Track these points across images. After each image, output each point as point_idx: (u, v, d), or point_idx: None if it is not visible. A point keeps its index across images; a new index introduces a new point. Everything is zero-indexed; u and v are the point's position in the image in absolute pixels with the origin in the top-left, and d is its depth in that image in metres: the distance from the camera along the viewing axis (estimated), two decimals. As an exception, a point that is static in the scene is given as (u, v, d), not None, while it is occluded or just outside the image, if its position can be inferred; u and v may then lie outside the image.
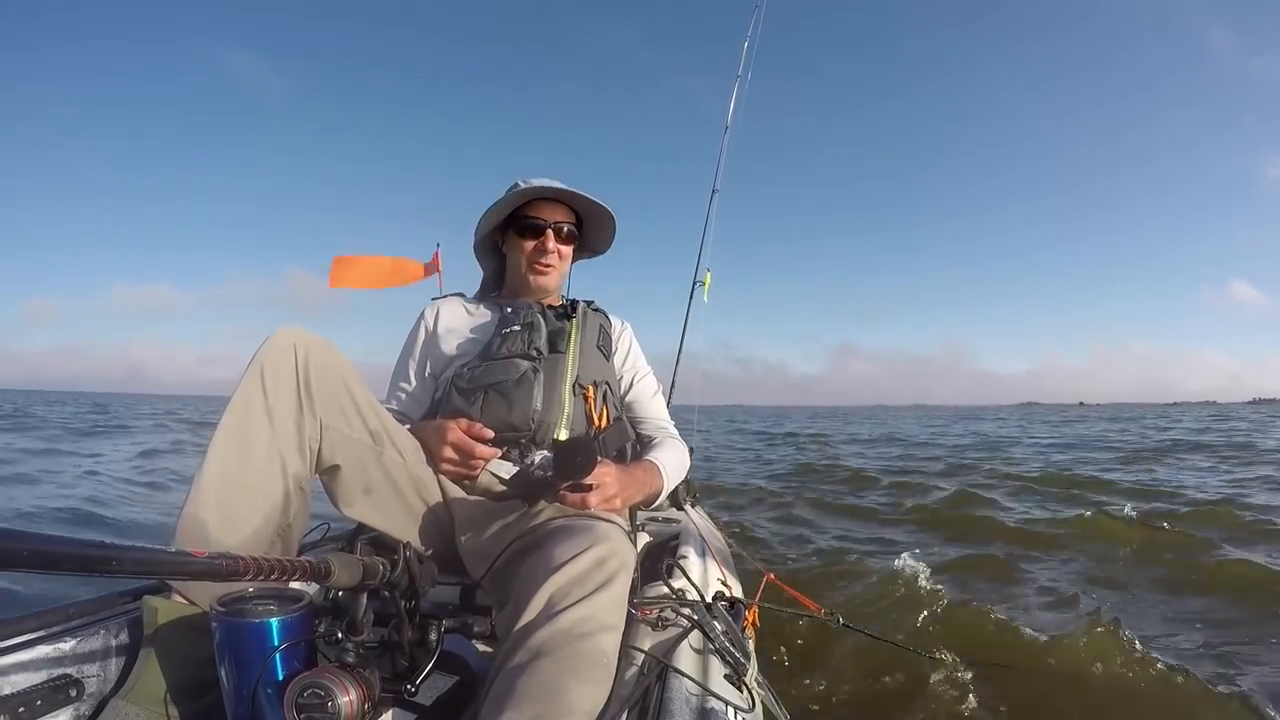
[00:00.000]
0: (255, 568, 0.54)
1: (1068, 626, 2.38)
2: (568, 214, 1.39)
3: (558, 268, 1.39)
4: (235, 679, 0.73)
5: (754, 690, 0.90)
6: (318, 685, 0.67)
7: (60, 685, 0.81)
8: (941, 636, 2.37)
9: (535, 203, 1.36)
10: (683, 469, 1.38)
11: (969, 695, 1.94)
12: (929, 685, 1.99)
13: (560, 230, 1.37)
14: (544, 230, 1.36)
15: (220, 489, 0.88)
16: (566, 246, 1.40)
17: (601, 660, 0.76)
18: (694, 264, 2.88)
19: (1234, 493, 5.73)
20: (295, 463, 0.94)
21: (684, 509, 2.06)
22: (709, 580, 1.38)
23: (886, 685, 2.01)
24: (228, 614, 0.73)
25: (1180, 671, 1.96)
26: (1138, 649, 2.09)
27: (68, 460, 7.48)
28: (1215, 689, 1.87)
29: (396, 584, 0.74)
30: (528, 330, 1.27)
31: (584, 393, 1.28)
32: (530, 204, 1.36)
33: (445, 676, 0.83)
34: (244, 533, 0.89)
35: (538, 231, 1.36)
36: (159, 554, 0.47)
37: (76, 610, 0.91)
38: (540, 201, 1.37)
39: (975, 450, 11.76)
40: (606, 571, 0.81)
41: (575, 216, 1.41)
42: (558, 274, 1.41)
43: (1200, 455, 9.76)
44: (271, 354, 0.93)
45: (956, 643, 2.27)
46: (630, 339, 1.50)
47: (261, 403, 0.92)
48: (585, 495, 0.98)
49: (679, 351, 2.82)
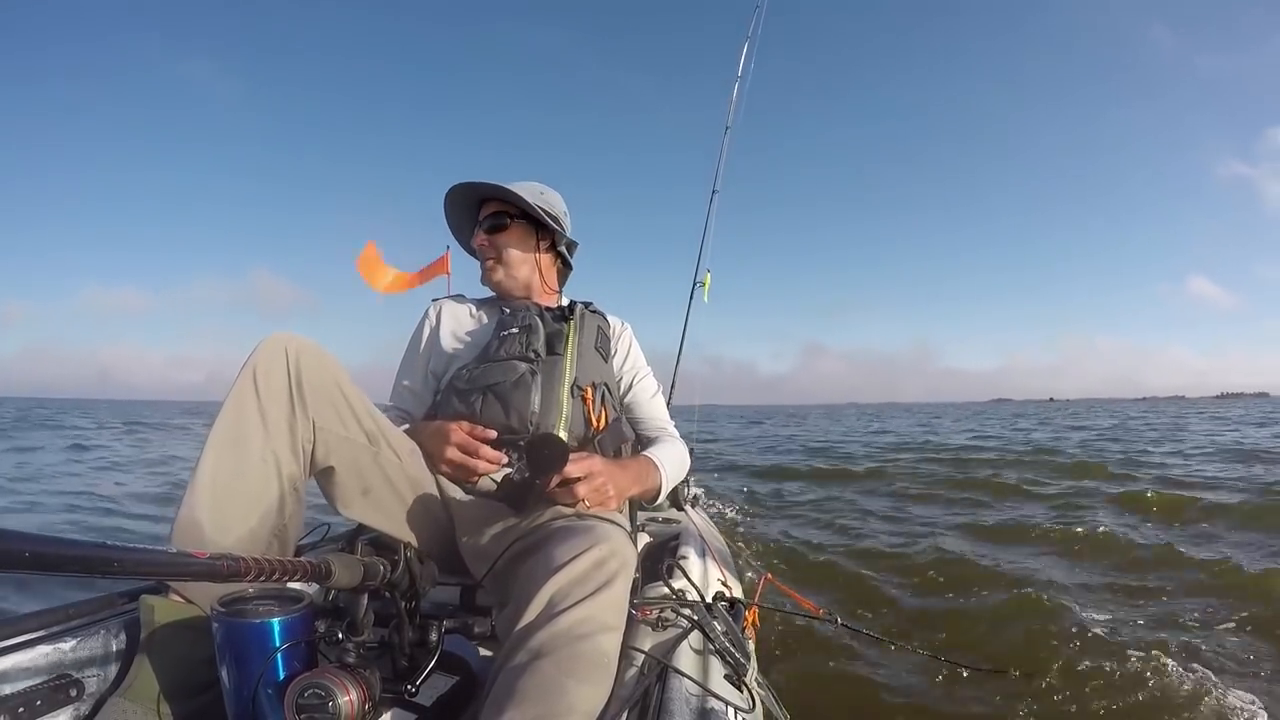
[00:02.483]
0: (256, 568, 0.54)
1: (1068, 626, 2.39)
2: (500, 207, 1.41)
3: (504, 263, 1.40)
4: (236, 679, 0.73)
5: (754, 690, 0.90)
6: (318, 686, 0.67)
7: (60, 685, 0.81)
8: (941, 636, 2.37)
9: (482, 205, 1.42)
10: (683, 468, 1.38)
11: (969, 695, 1.94)
12: (929, 685, 2.00)
13: (484, 225, 1.39)
14: (475, 229, 1.41)
15: (215, 491, 0.88)
16: (496, 236, 1.39)
17: (602, 661, 0.76)
18: (694, 264, 2.89)
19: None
20: (289, 464, 0.94)
21: (684, 509, 2.07)
22: (709, 580, 1.38)
23: (887, 686, 2.01)
24: (228, 614, 0.73)
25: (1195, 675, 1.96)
26: (1138, 648, 2.10)
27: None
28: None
29: (397, 584, 0.74)
30: (526, 332, 1.27)
31: (582, 394, 1.28)
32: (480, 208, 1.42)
33: (445, 677, 0.83)
34: (239, 534, 0.89)
35: (471, 232, 1.42)
36: (160, 555, 0.47)
37: (76, 610, 0.91)
38: (485, 203, 1.41)
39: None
40: (607, 572, 0.81)
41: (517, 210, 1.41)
42: (506, 271, 1.40)
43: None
44: (263, 358, 0.94)
45: (956, 642, 2.28)
46: (630, 340, 1.50)
47: (255, 405, 0.92)
48: (574, 487, 0.97)
49: (679, 352, 2.82)
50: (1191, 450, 8.98)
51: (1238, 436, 11.37)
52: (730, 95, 3.16)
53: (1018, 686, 1.97)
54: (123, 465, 8.07)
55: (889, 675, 2.06)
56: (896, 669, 2.08)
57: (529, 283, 1.43)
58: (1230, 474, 6.33)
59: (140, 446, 10.99)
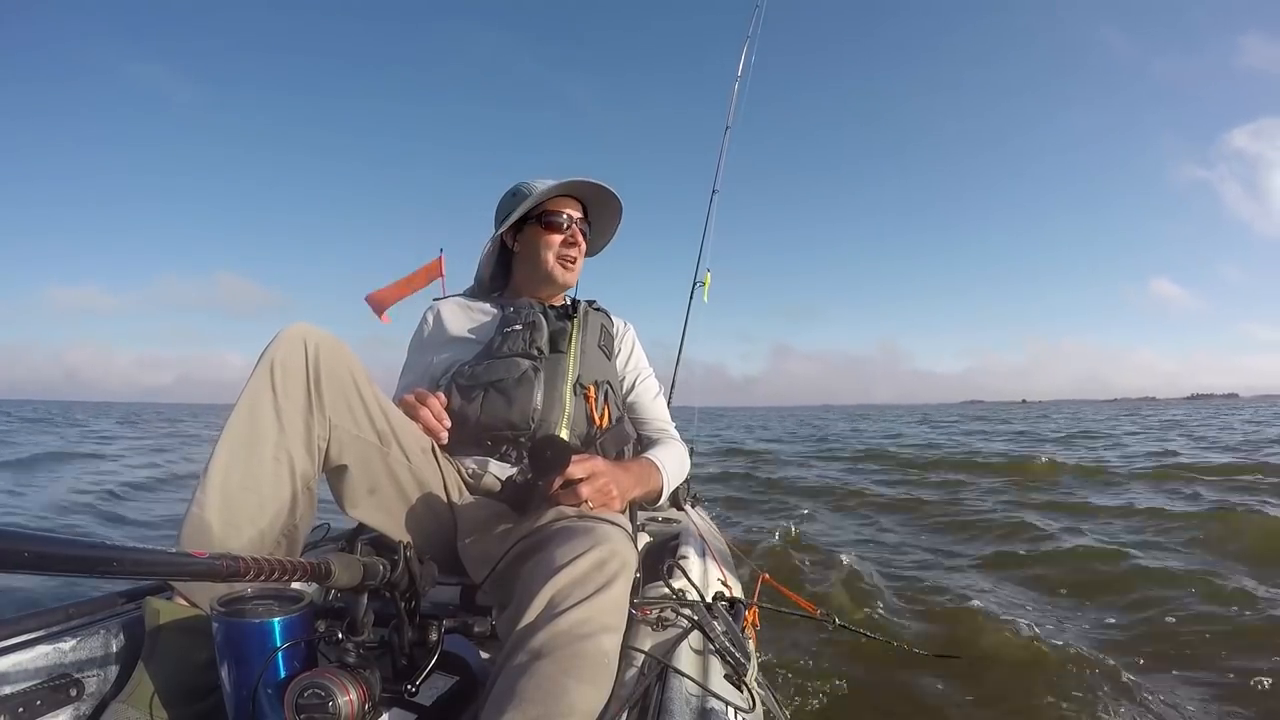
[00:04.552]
0: (256, 568, 0.54)
1: (1066, 625, 2.39)
2: (580, 210, 1.42)
3: (577, 263, 1.42)
4: (235, 679, 0.73)
5: (754, 690, 0.90)
6: (318, 685, 0.67)
7: (60, 685, 0.81)
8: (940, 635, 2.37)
9: (552, 200, 1.39)
10: (684, 469, 1.38)
11: (967, 694, 1.94)
12: (928, 684, 2.00)
13: (579, 224, 1.41)
14: (570, 225, 1.39)
15: (226, 490, 0.87)
16: (584, 242, 1.43)
17: (602, 661, 0.76)
18: (694, 264, 2.89)
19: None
20: (303, 463, 0.93)
21: (684, 509, 2.07)
22: (709, 580, 1.38)
23: (887, 685, 2.01)
24: (228, 614, 0.73)
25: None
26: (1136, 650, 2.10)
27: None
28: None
29: (397, 584, 0.74)
30: (529, 329, 1.27)
31: (585, 393, 1.28)
32: (548, 201, 1.39)
33: (445, 677, 0.83)
34: (249, 534, 0.88)
35: (563, 226, 1.38)
36: (160, 555, 0.47)
37: (76, 610, 0.91)
38: (556, 199, 1.40)
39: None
40: (607, 573, 0.81)
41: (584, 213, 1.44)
42: (576, 272, 1.43)
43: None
44: (282, 350, 0.92)
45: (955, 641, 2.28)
46: (633, 340, 1.50)
47: (270, 401, 0.90)
48: (577, 487, 0.97)
49: (679, 352, 2.82)
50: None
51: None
52: (730, 95, 3.16)
53: (1018, 686, 1.97)
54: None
55: (889, 675, 2.06)
56: (896, 669, 2.08)
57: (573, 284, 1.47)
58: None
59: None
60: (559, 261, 1.39)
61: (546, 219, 1.37)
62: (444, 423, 1.13)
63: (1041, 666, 2.06)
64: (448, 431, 1.14)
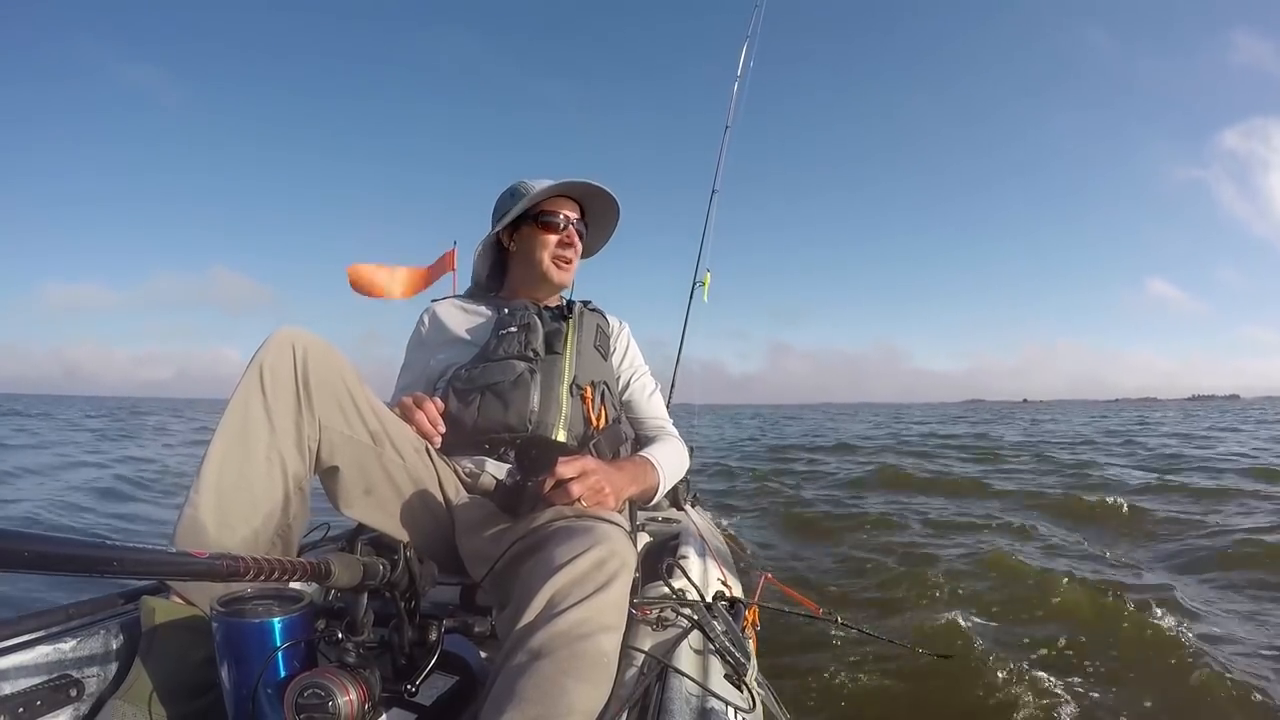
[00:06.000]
0: (255, 568, 0.54)
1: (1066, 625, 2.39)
2: (577, 211, 1.42)
3: (573, 263, 1.42)
4: (235, 679, 0.73)
5: (754, 690, 0.90)
6: (318, 685, 0.67)
7: (60, 685, 0.81)
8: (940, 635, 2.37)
9: (549, 199, 1.39)
10: (682, 467, 1.38)
11: (968, 694, 1.94)
12: (928, 684, 2.00)
13: (575, 224, 1.40)
14: (567, 225, 1.39)
15: (219, 490, 0.88)
16: (579, 243, 1.43)
17: (602, 661, 0.76)
18: (694, 264, 2.89)
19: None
20: (295, 463, 0.94)
21: (684, 509, 2.07)
22: (709, 580, 1.38)
23: (887, 685, 2.01)
24: (228, 614, 0.73)
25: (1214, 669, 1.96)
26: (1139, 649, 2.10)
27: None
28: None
29: (396, 584, 0.74)
30: (524, 331, 1.27)
31: (581, 393, 1.28)
32: (545, 201, 1.39)
33: (445, 676, 0.83)
34: (243, 534, 0.88)
35: (560, 227, 1.38)
36: (160, 554, 0.47)
37: (76, 610, 0.91)
38: (553, 199, 1.39)
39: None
40: (607, 572, 0.81)
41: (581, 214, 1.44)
42: (571, 271, 1.43)
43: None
44: (270, 354, 0.93)
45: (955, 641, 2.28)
46: (628, 338, 1.50)
47: (260, 403, 0.91)
48: (569, 486, 0.96)
49: (679, 352, 2.82)
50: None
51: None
52: (730, 94, 3.17)
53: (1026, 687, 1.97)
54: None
55: (888, 674, 2.06)
56: (896, 668, 2.08)
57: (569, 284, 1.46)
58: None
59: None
60: (554, 262, 1.39)
61: (543, 219, 1.37)
62: (439, 427, 1.14)
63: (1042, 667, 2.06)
64: (442, 436, 1.14)
